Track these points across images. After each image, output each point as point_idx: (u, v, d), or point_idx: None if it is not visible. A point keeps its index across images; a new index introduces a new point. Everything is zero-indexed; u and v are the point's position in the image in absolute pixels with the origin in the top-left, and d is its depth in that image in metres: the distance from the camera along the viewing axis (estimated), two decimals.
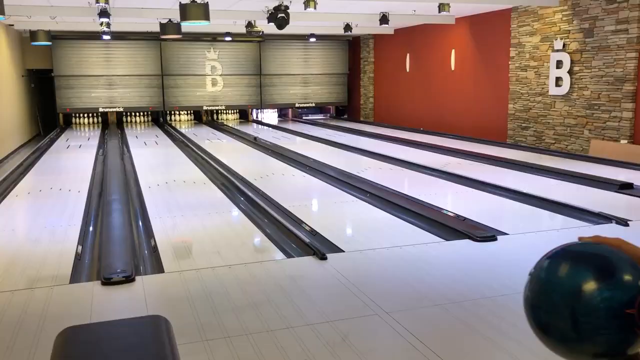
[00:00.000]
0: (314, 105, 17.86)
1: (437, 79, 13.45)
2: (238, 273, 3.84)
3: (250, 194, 6.41)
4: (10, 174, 8.36)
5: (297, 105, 17.71)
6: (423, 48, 13.99)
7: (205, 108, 16.83)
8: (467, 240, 4.49)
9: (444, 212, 5.50)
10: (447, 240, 4.59)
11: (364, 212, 5.77)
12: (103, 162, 9.41)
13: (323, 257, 4.07)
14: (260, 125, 16.62)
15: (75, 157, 10.40)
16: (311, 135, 12.76)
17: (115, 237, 4.88)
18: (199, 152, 10.27)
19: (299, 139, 12.79)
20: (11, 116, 12.48)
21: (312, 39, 16.23)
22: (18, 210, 6.40)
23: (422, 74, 14.10)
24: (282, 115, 18.63)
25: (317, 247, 4.31)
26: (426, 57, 13.89)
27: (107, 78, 15.70)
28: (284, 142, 11.79)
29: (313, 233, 4.87)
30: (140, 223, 5.54)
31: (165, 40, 15.44)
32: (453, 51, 12.77)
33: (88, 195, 6.71)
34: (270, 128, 15.49)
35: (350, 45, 17.75)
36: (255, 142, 11.59)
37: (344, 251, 4.34)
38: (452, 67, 12.84)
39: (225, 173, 7.90)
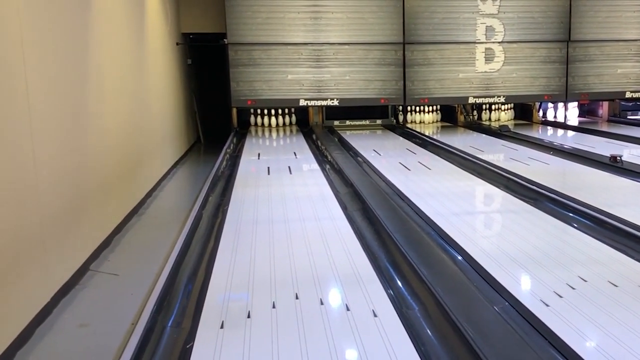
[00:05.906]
0: None
1: None
2: None
3: None
4: (178, 268, 4.49)
5: (628, 94, 12.95)
6: None
7: (472, 100, 12.55)
8: None
9: None
10: None
11: None
12: (368, 225, 5.56)
13: None
14: (561, 130, 12.49)
15: (295, 198, 6.59)
16: None
17: None
18: (550, 196, 6.11)
19: None
20: (160, 114, 8.91)
21: None
22: None
23: None
24: (585, 112, 14.44)
25: None
26: None
27: (313, 49, 11.89)
28: None
29: None
30: None
31: None
32: None
33: None
34: (590, 135, 11.27)
35: None
36: (616, 164, 8.03)
37: None
38: None
39: None
